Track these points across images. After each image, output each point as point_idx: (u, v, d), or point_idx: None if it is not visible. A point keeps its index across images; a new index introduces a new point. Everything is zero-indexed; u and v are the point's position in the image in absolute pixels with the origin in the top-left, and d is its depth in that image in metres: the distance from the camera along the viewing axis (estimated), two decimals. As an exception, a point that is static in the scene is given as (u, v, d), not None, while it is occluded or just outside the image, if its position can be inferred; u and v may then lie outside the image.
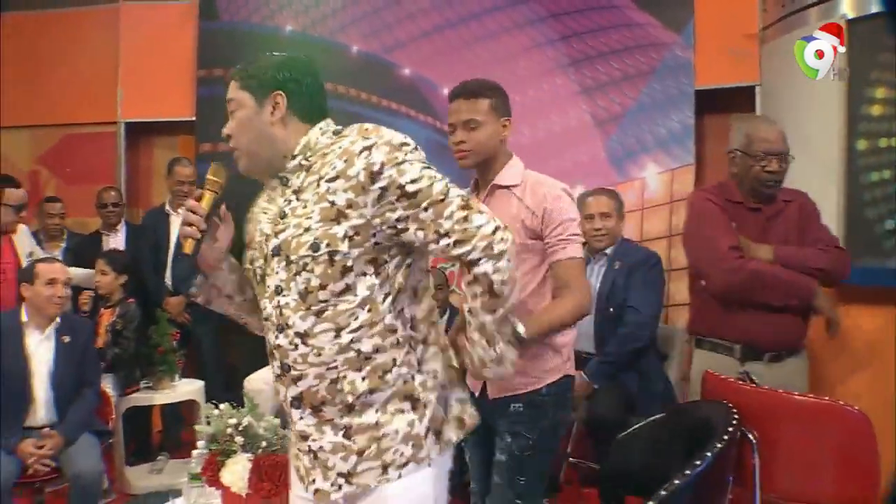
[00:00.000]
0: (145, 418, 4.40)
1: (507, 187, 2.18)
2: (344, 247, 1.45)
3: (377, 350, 1.49)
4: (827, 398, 2.18)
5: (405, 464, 1.50)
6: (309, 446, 1.54)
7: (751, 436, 2.08)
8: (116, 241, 4.79)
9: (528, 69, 4.46)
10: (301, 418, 1.54)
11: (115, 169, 5.43)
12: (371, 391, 1.49)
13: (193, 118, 5.28)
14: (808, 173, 3.60)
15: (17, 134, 5.68)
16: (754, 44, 4.09)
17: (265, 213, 1.62)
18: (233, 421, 2.74)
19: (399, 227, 1.46)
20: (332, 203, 1.45)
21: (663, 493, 1.60)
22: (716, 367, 2.68)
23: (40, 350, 3.26)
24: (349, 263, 1.46)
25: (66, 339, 3.30)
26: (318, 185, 1.48)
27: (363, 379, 1.49)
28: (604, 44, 4.36)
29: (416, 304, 1.55)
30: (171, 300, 4.46)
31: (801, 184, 3.71)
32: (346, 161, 1.45)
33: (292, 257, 1.48)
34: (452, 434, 1.58)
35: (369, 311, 1.47)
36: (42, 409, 3.23)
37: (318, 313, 1.47)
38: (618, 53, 4.32)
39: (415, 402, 1.52)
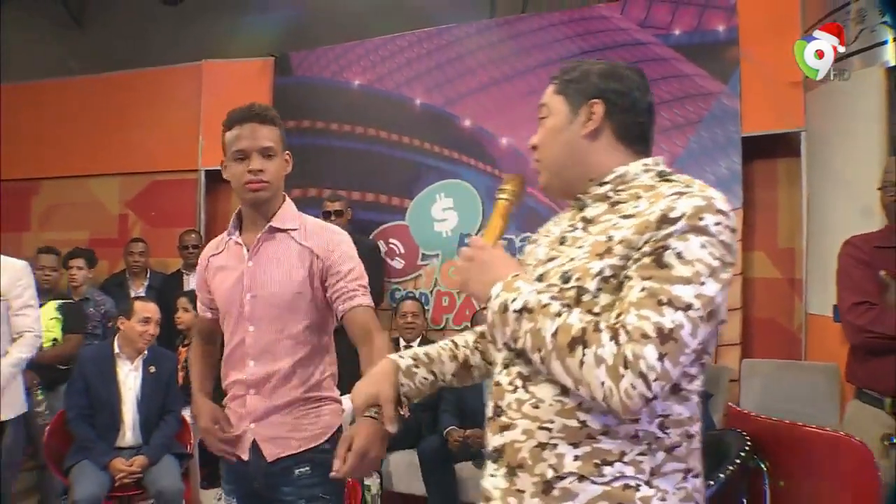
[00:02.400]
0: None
1: (285, 230, 1.99)
2: (592, 285, 1.17)
3: (606, 433, 1.17)
4: (830, 429, 2.26)
5: None
6: None
7: (762, 464, 2.19)
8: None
9: (581, 119, 4.64)
10: (493, 475, 1.26)
11: (195, 213, 5.86)
12: (580, 477, 1.16)
13: (268, 166, 5.68)
14: (851, 216, 3.72)
15: (108, 181, 6.23)
16: (799, 91, 4.21)
17: (547, 235, 1.40)
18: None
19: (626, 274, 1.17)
20: (609, 238, 1.19)
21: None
22: (866, 420, 2.53)
23: (129, 379, 3.59)
24: (595, 309, 1.17)
25: (153, 369, 3.62)
26: (611, 221, 1.23)
27: (575, 458, 1.17)
28: (655, 94, 4.54)
29: (677, 401, 1.19)
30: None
31: (844, 226, 3.82)
32: (652, 202, 1.18)
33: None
34: None
35: None
36: (130, 431, 3.55)
37: None
38: (667, 103, 4.50)
39: None
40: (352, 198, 5.15)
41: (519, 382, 1.24)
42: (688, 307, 1.09)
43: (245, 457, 2.00)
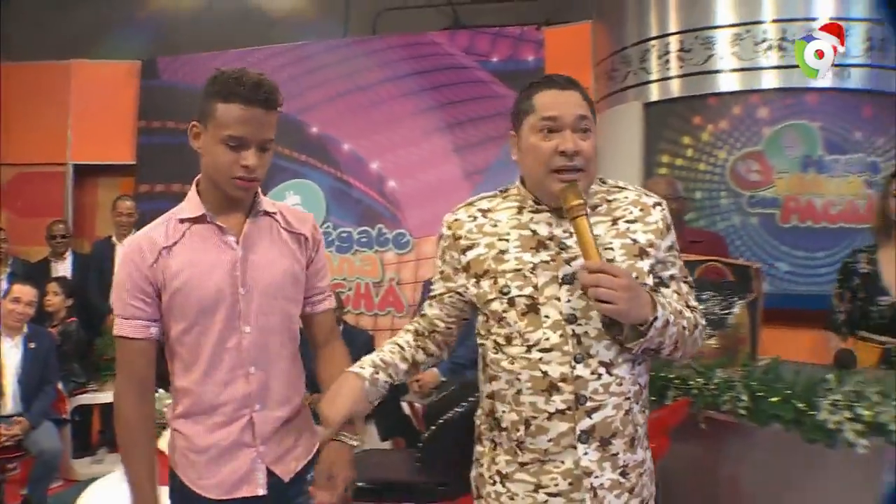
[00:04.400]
0: (88, 417, 5.08)
1: (270, 214, 1.72)
2: (649, 280, 1.49)
3: (645, 386, 1.54)
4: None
5: (650, 499, 1.56)
6: (591, 483, 1.46)
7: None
8: (64, 267, 5.40)
9: (413, 130, 5.47)
10: (586, 453, 1.46)
11: (63, 205, 6.17)
12: (643, 424, 1.54)
13: (134, 162, 6.14)
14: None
15: (-27, 171, 6.33)
16: (588, 115, 5.13)
17: (505, 238, 1.52)
18: (168, 401, 3.60)
19: (662, 276, 1.54)
20: (635, 241, 1.49)
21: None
22: None
23: (11, 353, 4.04)
24: None
25: (33, 345, 4.11)
26: (615, 224, 1.51)
27: (640, 411, 1.52)
28: (473, 111, 5.39)
29: None
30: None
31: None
32: (641, 210, 1.53)
33: None
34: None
35: None
36: (11, 400, 3.99)
37: (622, 343, 1.45)
38: (484, 119, 5.34)
39: (646, 442, 1.57)
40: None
41: (602, 370, 1.44)
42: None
43: (261, 492, 1.66)
